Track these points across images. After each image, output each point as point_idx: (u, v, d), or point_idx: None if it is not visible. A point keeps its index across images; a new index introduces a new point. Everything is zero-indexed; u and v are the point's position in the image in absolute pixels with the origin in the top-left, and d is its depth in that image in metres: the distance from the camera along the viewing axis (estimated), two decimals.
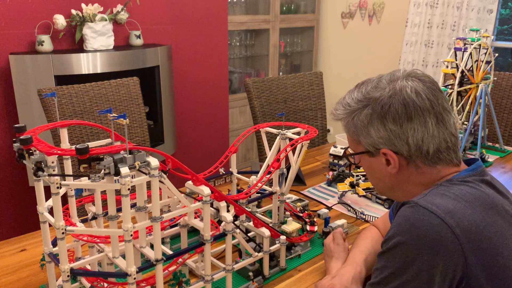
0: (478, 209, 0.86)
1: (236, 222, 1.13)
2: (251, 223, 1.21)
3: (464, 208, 0.85)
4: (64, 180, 1.05)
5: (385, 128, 0.93)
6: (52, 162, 0.91)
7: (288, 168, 1.40)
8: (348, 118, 1.00)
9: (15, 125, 0.92)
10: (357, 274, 1.08)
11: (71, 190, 1.08)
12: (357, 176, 1.75)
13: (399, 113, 0.92)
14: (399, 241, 0.84)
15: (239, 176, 1.42)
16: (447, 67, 2.04)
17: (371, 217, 1.52)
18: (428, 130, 0.92)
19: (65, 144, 1.11)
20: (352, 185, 1.72)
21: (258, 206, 1.52)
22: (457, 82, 2.00)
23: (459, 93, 2.05)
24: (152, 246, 0.98)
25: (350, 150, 1.06)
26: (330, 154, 1.98)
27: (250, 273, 1.17)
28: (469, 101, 2.10)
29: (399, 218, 0.87)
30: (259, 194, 1.33)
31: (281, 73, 4.46)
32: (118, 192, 0.88)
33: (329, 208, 1.60)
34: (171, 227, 1.26)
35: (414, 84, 0.93)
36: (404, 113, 0.92)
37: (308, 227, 1.37)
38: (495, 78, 2.42)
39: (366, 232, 1.25)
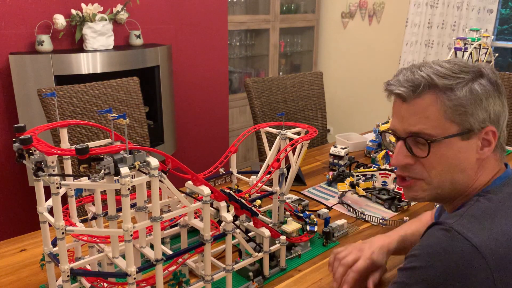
0: None
1: (236, 222, 1.13)
2: (251, 223, 1.21)
3: (502, 233, 0.78)
4: (64, 180, 1.05)
5: (501, 102, 0.88)
6: (52, 162, 0.91)
7: (288, 168, 1.40)
8: (463, 87, 0.85)
9: (15, 125, 0.92)
10: (386, 245, 1.12)
11: (71, 190, 1.08)
12: (357, 176, 1.74)
13: (501, 88, 0.89)
14: (427, 264, 0.78)
15: (239, 176, 1.42)
16: None
17: (371, 217, 1.52)
18: (505, 111, 0.90)
19: (65, 144, 1.11)
20: (352, 185, 1.72)
21: (258, 206, 1.52)
22: None
23: None
24: (152, 246, 0.98)
25: (410, 145, 0.89)
26: (330, 154, 1.98)
27: (250, 273, 1.17)
28: None
29: (430, 239, 0.81)
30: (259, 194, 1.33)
31: (281, 73, 4.46)
32: (118, 192, 0.88)
33: (329, 208, 1.60)
34: (171, 227, 1.26)
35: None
36: (502, 89, 0.89)
37: (308, 227, 1.37)
38: None
39: (420, 215, 1.26)
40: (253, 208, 1.14)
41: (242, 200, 1.11)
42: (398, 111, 0.91)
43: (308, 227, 1.36)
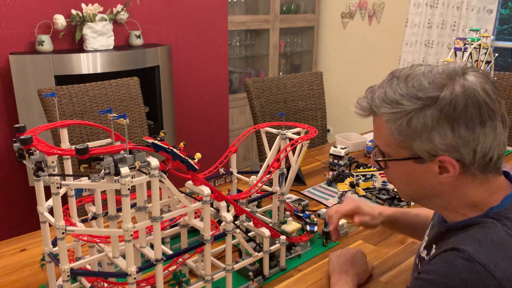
0: None
1: (236, 222, 1.13)
2: (251, 223, 1.21)
3: None
4: (64, 180, 1.05)
5: (454, 134, 0.79)
6: (52, 162, 0.91)
7: (288, 168, 1.40)
8: (400, 118, 0.81)
9: (15, 125, 0.92)
10: (380, 207, 1.23)
11: (71, 190, 1.08)
12: (357, 176, 1.75)
13: (473, 117, 0.78)
14: None
15: (239, 176, 1.42)
16: None
17: None
18: (497, 136, 0.80)
19: (65, 144, 1.11)
20: (352, 185, 1.72)
21: (258, 206, 1.52)
22: None
23: None
24: (152, 246, 0.98)
25: (375, 154, 0.91)
26: (330, 154, 1.98)
27: (250, 273, 1.17)
28: None
29: (447, 267, 0.76)
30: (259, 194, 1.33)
31: (281, 73, 4.46)
32: (118, 192, 0.88)
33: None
34: (171, 227, 1.26)
35: (480, 81, 0.80)
36: (478, 117, 0.78)
37: (308, 227, 1.37)
38: (495, 78, 2.42)
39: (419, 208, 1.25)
40: (189, 160, 1.00)
41: (174, 149, 0.97)
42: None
43: (308, 227, 1.36)
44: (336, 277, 1.14)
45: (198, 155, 1.02)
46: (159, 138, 0.96)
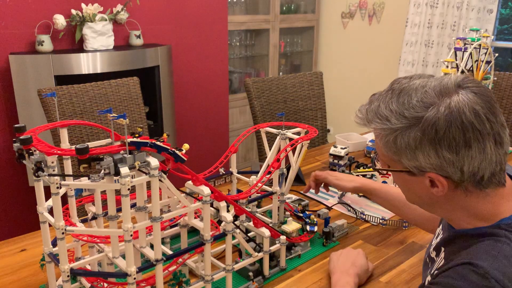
0: None
1: (236, 222, 1.13)
2: (251, 223, 1.21)
3: None
4: (64, 180, 1.05)
5: (437, 155, 0.79)
6: (52, 162, 0.91)
7: (288, 168, 1.40)
8: (387, 135, 0.83)
9: (15, 125, 0.92)
10: (361, 179, 1.40)
11: (71, 190, 1.08)
12: (357, 176, 1.74)
13: (456, 139, 0.77)
14: None
15: (239, 176, 1.42)
16: (447, 67, 2.04)
17: (371, 217, 1.52)
18: (486, 156, 0.78)
19: (65, 144, 1.11)
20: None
21: (258, 206, 1.52)
22: None
23: None
24: (152, 246, 0.98)
25: (379, 162, 0.92)
26: (330, 154, 1.98)
27: (250, 273, 1.17)
28: None
29: (461, 281, 0.75)
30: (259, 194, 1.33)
31: (281, 73, 4.46)
32: (118, 192, 0.88)
33: (329, 208, 1.60)
34: (171, 227, 1.26)
35: (470, 100, 0.77)
36: (462, 139, 0.77)
37: (308, 227, 1.37)
38: (495, 78, 2.42)
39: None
40: (176, 151, 0.97)
41: (158, 143, 0.93)
42: None
43: (308, 227, 1.36)
44: (337, 277, 1.14)
45: (186, 146, 1.00)
46: (137, 135, 0.93)
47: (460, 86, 0.80)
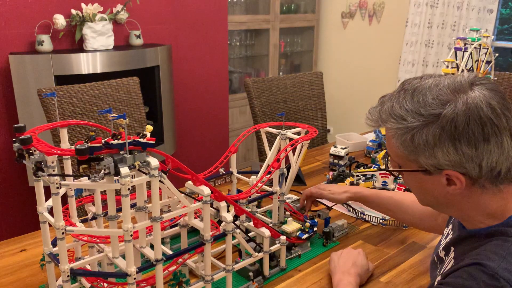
0: None
1: (236, 222, 1.13)
2: (251, 223, 1.21)
3: None
4: (64, 180, 1.05)
5: (456, 151, 0.79)
6: (52, 162, 0.91)
7: (288, 168, 1.40)
8: (404, 134, 0.83)
9: (15, 125, 0.91)
10: (353, 188, 1.41)
11: (71, 190, 1.08)
12: (357, 176, 1.74)
13: (476, 134, 0.78)
14: None
15: (239, 176, 1.42)
16: (448, 67, 2.04)
17: (371, 217, 1.52)
18: (504, 150, 0.79)
19: (65, 144, 1.11)
20: (352, 185, 1.72)
21: (258, 206, 1.52)
22: None
23: None
24: (152, 246, 0.98)
25: (390, 163, 0.92)
26: (330, 154, 1.98)
27: (250, 273, 1.17)
28: None
29: (470, 281, 0.76)
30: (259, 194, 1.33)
31: (281, 73, 4.46)
32: (118, 192, 0.88)
33: (329, 208, 1.60)
34: (171, 227, 1.26)
35: (486, 96, 0.79)
36: (481, 134, 0.78)
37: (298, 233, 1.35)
38: (495, 78, 2.42)
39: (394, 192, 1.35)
40: (139, 140, 0.89)
41: (113, 141, 0.87)
42: None
43: (297, 233, 1.34)
44: (338, 277, 1.14)
45: (148, 128, 0.94)
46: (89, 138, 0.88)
47: (474, 84, 0.81)
